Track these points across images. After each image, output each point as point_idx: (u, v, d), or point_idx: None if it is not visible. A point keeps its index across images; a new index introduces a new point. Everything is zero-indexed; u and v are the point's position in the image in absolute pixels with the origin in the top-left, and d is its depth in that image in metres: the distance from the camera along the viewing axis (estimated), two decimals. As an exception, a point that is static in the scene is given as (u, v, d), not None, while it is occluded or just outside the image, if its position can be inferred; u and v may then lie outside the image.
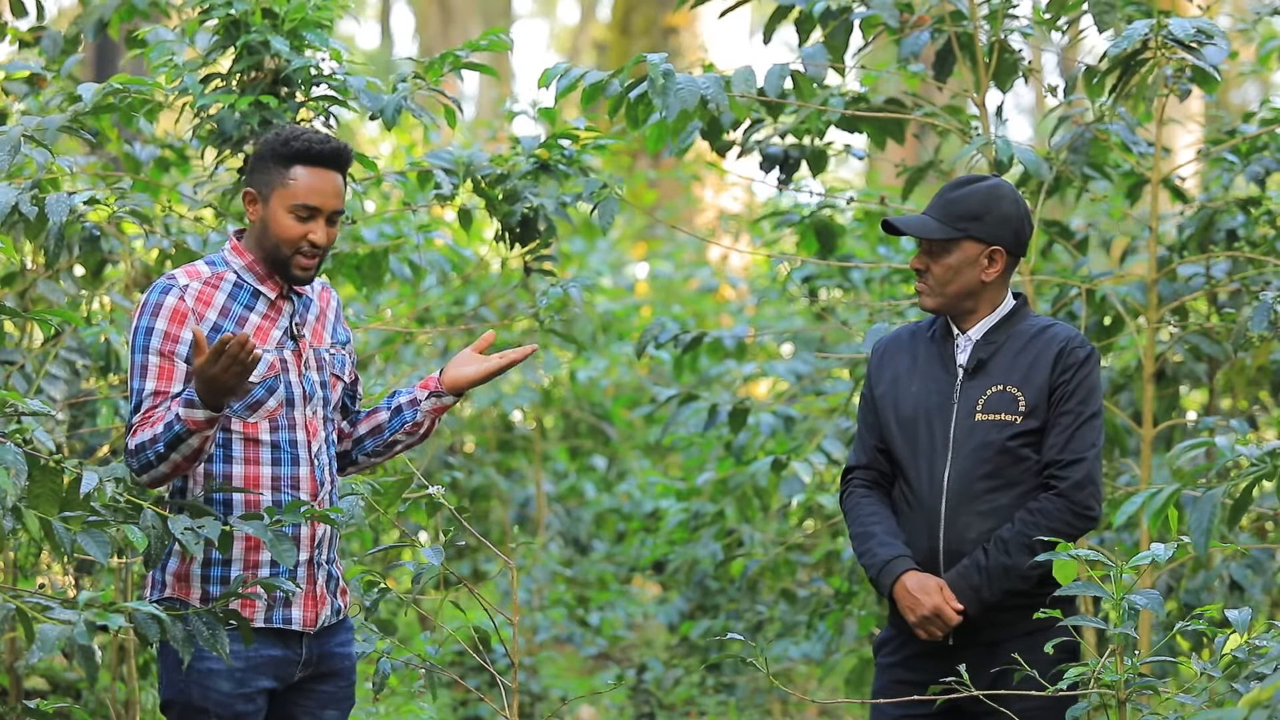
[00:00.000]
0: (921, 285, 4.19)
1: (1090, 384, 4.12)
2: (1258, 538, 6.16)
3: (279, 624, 3.90)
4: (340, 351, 4.08)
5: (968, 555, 4.09)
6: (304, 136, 3.90)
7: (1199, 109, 10.13)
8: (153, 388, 3.84)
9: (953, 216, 4.16)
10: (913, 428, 4.17)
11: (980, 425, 4.12)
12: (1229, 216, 5.89)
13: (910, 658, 4.18)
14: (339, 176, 3.92)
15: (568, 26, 30.57)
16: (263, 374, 3.89)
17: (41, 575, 5.58)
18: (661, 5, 12.66)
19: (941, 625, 4.08)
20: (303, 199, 3.87)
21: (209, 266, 3.96)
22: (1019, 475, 4.12)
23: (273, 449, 3.90)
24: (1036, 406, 4.11)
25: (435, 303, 7.73)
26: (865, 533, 4.19)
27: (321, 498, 3.96)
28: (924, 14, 5.46)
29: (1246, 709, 2.92)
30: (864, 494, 4.25)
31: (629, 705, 7.93)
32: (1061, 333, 4.17)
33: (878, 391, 4.26)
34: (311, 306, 4.05)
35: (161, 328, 3.85)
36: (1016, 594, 4.08)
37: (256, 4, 4.87)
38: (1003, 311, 4.20)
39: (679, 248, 11.73)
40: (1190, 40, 4.96)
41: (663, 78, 5.05)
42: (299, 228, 3.88)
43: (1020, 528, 4.06)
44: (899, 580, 4.10)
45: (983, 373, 4.16)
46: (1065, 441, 4.09)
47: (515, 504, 9.04)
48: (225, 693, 3.86)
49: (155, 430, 3.76)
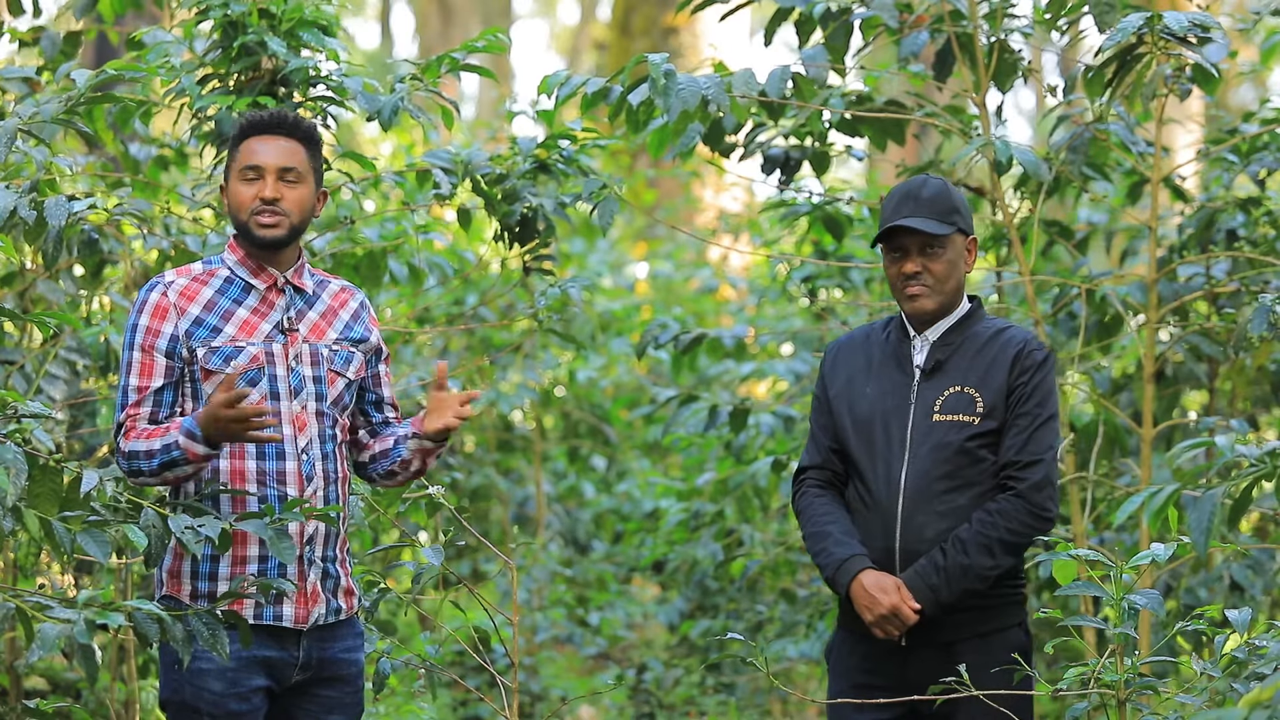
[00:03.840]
0: (919, 288, 4.18)
1: (1047, 386, 4.16)
2: (1258, 538, 6.16)
3: (269, 620, 3.91)
4: (347, 349, 4.08)
5: (924, 555, 4.10)
6: (249, 114, 4.08)
7: (1199, 109, 10.13)
8: (135, 383, 3.92)
9: (940, 212, 4.18)
10: (869, 428, 4.19)
11: (938, 426, 4.13)
12: (1229, 216, 5.89)
13: (865, 660, 4.19)
14: (287, 140, 4.02)
15: (568, 26, 30.57)
16: (244, 365, 3.91)
17: (41, 575, 5.58)
18: (661, 5, 12.65)
19: (898, 624, 4.08)
20: (245, 161, 4.00)
21: (204, 265, 4.04)
22: (976, 476, 4.13)
23: (257, 443, 3.91)
24: (994, 408, 4.13)
25: (435, 303, 7.73)
26: (820, 532, 4.19)
27: (311, 493, 3.95)
28: (923, 14, 5.46)
29: (1246, 709, 2.92)
30: (818, 494, 4.25)
31: (629, 705, 7.93)
32: (1018, 335, 4.20)
33: (831, 392, 4.27)
34: (317, 303, 4.07)
35: (144, 323, 3.94)
36: (973, 594, 4.10)
37: (253, 5, 4.87)
38: (959, 313, 4.23)
39: (679, 248, 11.73)
40: (1187, 34, 4.96)
41: (664, 78, 5.05)
42: (249, 189, 3.98)
43: (978, 528, 4.07)
44: (856, 579, 4.11)
45: (940, 373, 4.18)
46: (1023, 443, 4.11)
47: (515, 504, 9.04)
48: (217, 692, 3.87)
49: (152, 445, 3.83)
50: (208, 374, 3.91)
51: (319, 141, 4.08)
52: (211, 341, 3.92)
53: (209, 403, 3.77)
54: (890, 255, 4.21)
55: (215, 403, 3.75)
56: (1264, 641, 3.64)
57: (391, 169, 5.72)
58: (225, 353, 3.92)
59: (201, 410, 3.80)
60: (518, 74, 26.89)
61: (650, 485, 8.78)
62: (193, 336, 3.92)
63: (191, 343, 3.92)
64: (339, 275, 5.66)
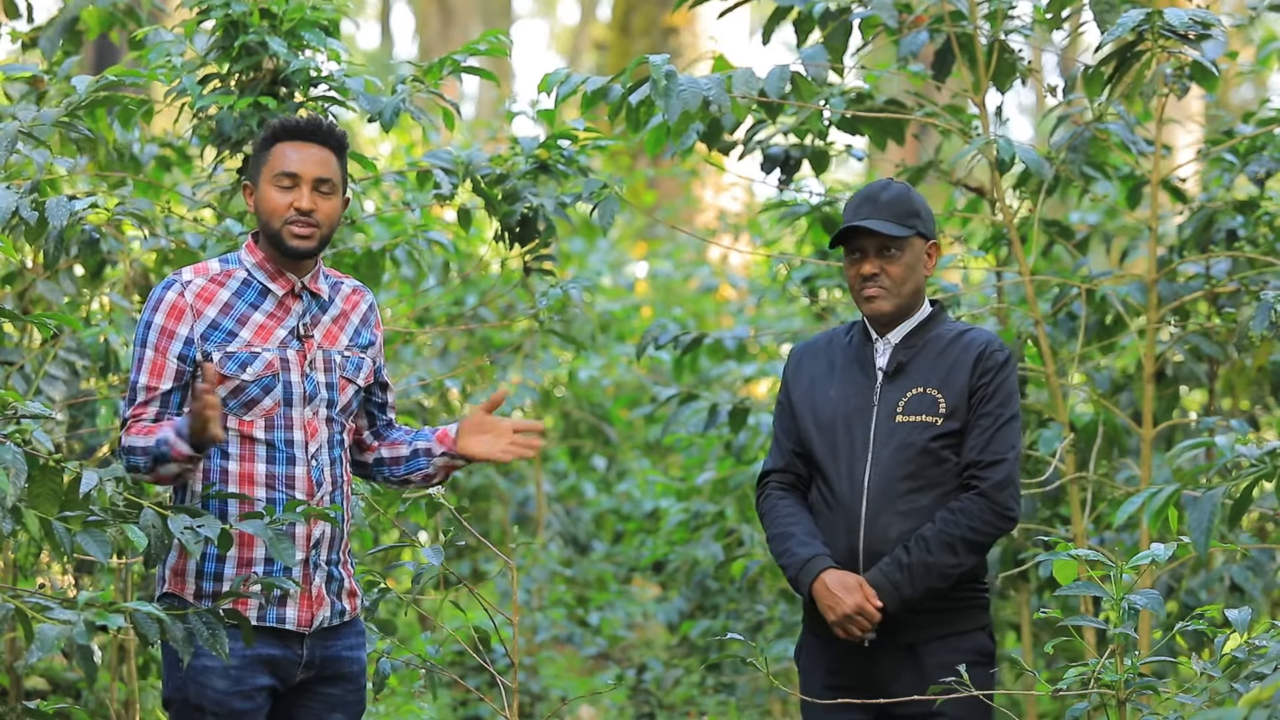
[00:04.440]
0: (876, 290, 4.21)
1: (1009, 387, 4.18)
2: (1257, 538, 6.16)
3: (272, 623, 3.91)
4: (358, 355, 4.08)
5: (888, 555, 4.11)
6: (283, 118, 4.03)
7: (1199, 109, 10.13)
8: (144, 382, 3.90)
9: (899, 216, 4.21)
10: (831, 430, 4.21)
11: (901, 427, 4.15)
12: (1229, 216, 5.89)
13: (833, 661, 4.20)
14: (321, 149, 3.98)
15: (568, 26, 30.59)
16: (260, 372, 3.90)
17: (41, 575, 5.58)
18: (661, 5, 12.66)
19: (862, 624, 4.09)
20: (281, 168, 3.95)
21: (221, 264, 4.00)
22: (940, 477, 4.15)
23: (268, 447, 3.91)
24: (956, 408, 4.15)
25: (435, 302, 7.73)
26: (783, 533, 4.21)
27: (319, 498, 3.95)
28: (922, 14, 5.45)
29: (1246, 709, 2.92)
30: (781, 496, 4.27)
31: (629, 705, 7.93)
32: (980, 337, 4.22)
33: (794, 396, 4.30)
34: (330, 308, 4.06)
35: (159, 323, 3.90)
36: (936, 593, 4.11)
37: (254, 5, 4.87)
38: (921, 316, 4.26)
39: (679, 248, 11.73)
40: (1187, 31, 4.95)
41: (665, 78, 5.05)
42: (284, 197, 3.94)
43: (941, 526, 4.09)
44: (818, 578, 4.12)
45: (902, 375, 4.20)
46: (985, 443, 4.13)
47: (515, 504, 9.04)
48: (221, 690, 3.86)
49: (147, 443, 3.82)
50: (221, 378, 3.89)
51: (347, 149, 4.07)
52: (227, 346, 3.90)
53: (194, 401, 3.75)
54: (849, 257, 4.25)
55: (199, 396, 3.72)
56: (1264, 641, 3.64)
57: (392, 169, 5.72)
58: (240, 358, 3.90)
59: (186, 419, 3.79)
60: (518, 74, 26.90)
61: (650, 485, 8.78)
62: (208, 340, 3.90)
63: (206, 346, 3.89)
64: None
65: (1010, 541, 5.82)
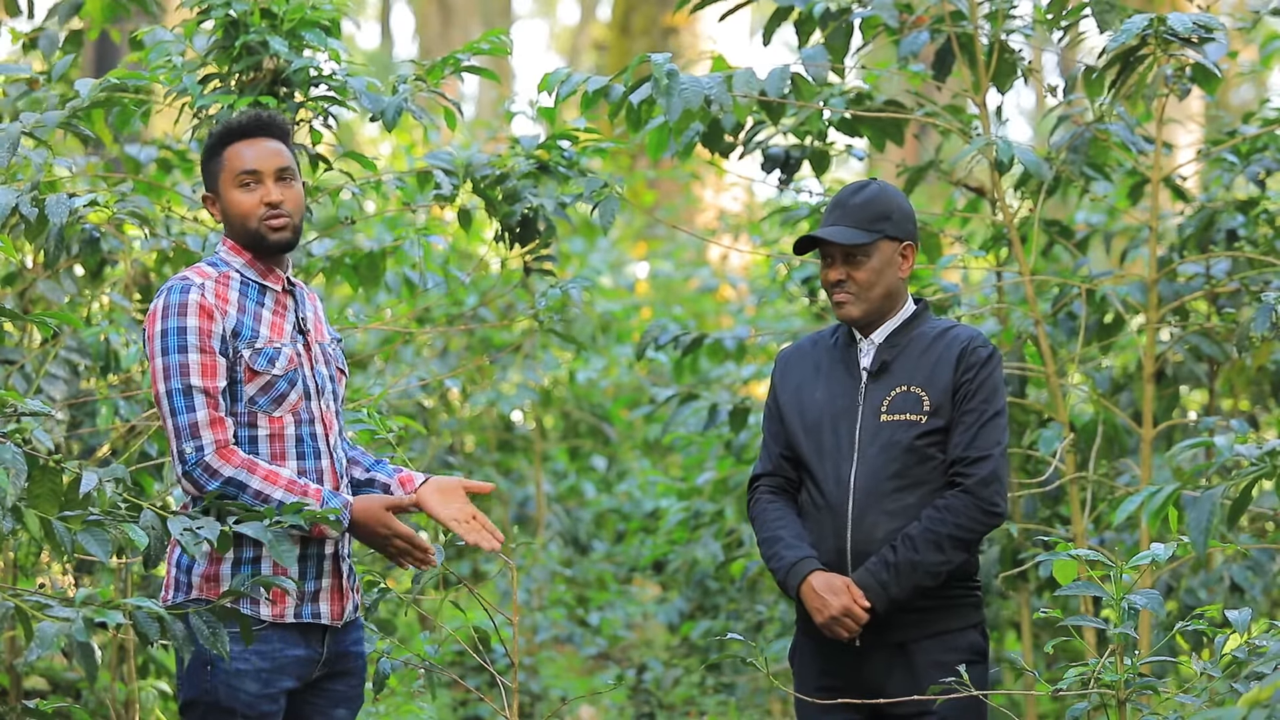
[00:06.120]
0: (844, 295, 4.22)
1: (994, 383, 4.18)
2: (1257, 537, 6.16)
3: (308, 619, 3.92)
4: (337, 347, 4.16)
5: (875, 555, 4.11)
6: (224, 121, 4.05)
7: (1199, 109, 10.13)
8: (200, 384, 3.84)
9: (865, 220, 4.21)
10: (818, 431, 4.22)
11: (886, 426, 4.16)
12: (1229, 216, 5.89)
13: (825, 661, 4.21)
14: (272, 140, 4.00)
15: (568, 26, 30.58)
16: (285, 367, 3.92)
17: (41, 575, 5.57)
18: (661, 5, 12.66)
19: (850, 625, 4.10)
20: (241, 167, 3.96)
21: (211, 267, 4.00)
22: (926, 475, 4.15)
23: (297, 442, 3.93)
24: (941, 406, 4.15)
25: (435, 303, 7.73)
26: (772, 537, 4.22)
27: (342, 489, 4.00)
28: (923, 14, 5.45)
29: (1246, 709, 2.92)
30: (770, 500, 4.28)
31: (629, 705, 7.93)
32: (963, 333, 4.22)
33: (781, 399, 4.31)
34: (306, 304, 4.09)
35: (194, 325, 3.86)
36: (925, 592, 4.11)
37: (255, 4, 4.87)
38: (904, 315, 4.26)
39: (679, 248, 11.73)
40: (1190, 34, 4.96)
41: (667, 77, 5.05)
42: (251, 196, 3.96)
43: (927, 524, 4.10)
44: (806, 581, 4.13)
45: (887, 374, 4.21)
46: (970, 439, 4.14)
47: (515, 504, 9.04)
48: (253, 693, 3.87)
49: (273, 493, 3.81)
50: (252, 374, 3.89)
51: (292, 134, 4.10)
52: (255, 343, 3.91)
53: (382, 521, 3.89)
54: (822, 261, 4.27)
55: (393, 530, 3.89)
56: (1264, 641, 3.64)
57: (392, 169, 5.72)
58: (268, 354, 3.91)
59: (368, 512, 3.89)
60: (518, 74, 26.88)
61: (650, 485, 8.78)
62: (238, 338, 3.90)
63: (237, 343, 3.90)
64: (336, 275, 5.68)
65: (1010, 541, 5.82)
